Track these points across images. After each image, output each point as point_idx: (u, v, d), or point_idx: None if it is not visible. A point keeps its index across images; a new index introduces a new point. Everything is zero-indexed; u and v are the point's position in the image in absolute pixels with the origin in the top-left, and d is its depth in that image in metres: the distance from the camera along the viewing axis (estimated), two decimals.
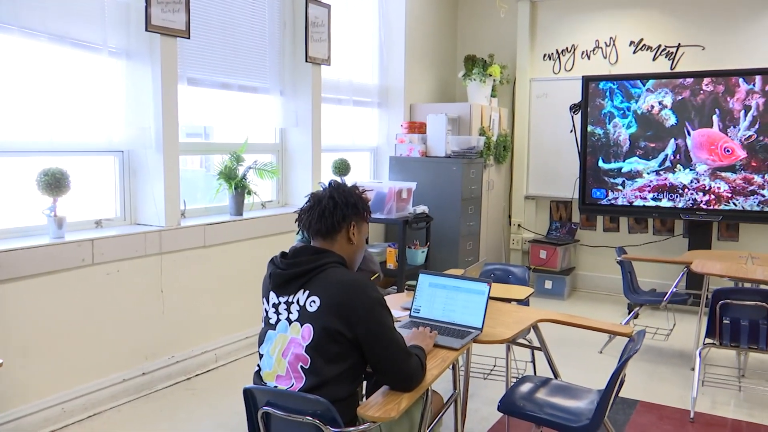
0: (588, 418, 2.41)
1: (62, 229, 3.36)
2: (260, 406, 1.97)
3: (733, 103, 5.43)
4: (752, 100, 5.36)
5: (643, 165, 5.82)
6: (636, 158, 5.83)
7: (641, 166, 5.83)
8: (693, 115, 5.58)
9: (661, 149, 5.74)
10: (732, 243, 5.93)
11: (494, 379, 4.04)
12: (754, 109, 5.36)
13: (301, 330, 1.97)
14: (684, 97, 5.60)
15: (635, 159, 5.84)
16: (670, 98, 5.66)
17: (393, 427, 2.11)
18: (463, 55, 6.60)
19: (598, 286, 6.58)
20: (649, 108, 5.76)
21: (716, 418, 3.59)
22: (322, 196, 2.16)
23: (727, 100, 5.45)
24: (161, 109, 3.77)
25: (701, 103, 5.54)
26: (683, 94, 5.60)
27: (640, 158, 5.82)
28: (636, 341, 2.47)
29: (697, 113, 5.57)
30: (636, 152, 5.83)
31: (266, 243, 4.54)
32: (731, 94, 5.42)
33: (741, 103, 5.40)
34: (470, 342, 2.50)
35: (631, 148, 5.85)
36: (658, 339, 4.98)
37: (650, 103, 5.75)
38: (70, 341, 3.39)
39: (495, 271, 3.96)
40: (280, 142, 5.08)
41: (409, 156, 5.91)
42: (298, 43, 4.90)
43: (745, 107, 5.39)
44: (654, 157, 5.77)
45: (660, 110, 5.72)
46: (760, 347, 3.51)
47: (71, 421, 3.37)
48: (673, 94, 5.64)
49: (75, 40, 3.46)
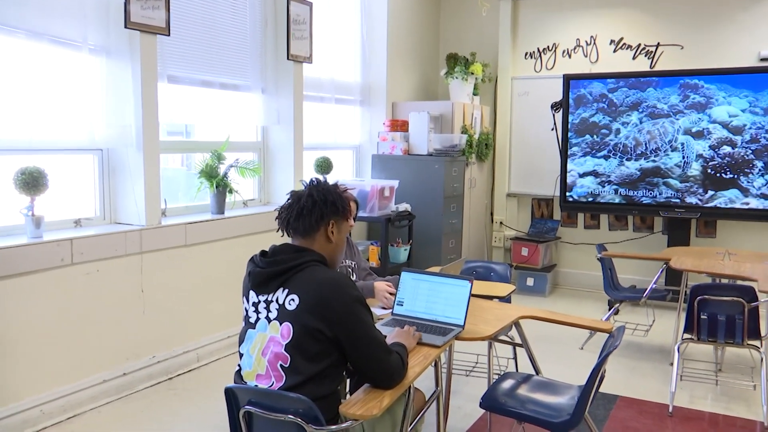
0: (569, 413, 2.43)
1: (40, 228, 3.32)
2: (242, 406, 1.96)
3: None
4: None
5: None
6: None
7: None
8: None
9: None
10: (710, 240, 6.01)
11: (476, 376, 4.06)
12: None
13: (280, 328, 1.97)
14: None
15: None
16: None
17: (375, 424, 2.11)
18: (445, 53, 6.62)
19: (579, 283, 6.64)
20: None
21: (694, 412, 3.64)
22: (301, 195, 2.15)
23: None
24: (141, 107, 3.74)
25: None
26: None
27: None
28: (616, 337, 2.50)
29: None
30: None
31: (248, 242, 4.53)
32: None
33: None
34: (452, 339, 2.51)
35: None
36: (638, 335, 5.03)
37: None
38: (49, 342, 3.36)
39: (477, 268, 3.97)
40: (261, 140, 5.06)
41: (391, 154, 5.91)
42: (279, 41, 4.88)
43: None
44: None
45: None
46: (737, 342, 3.57)
47: (50, 423, 3.34)
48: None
49: (54, 37, 3.42)
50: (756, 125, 5.39)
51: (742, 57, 5.75)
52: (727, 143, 5.51)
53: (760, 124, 5.38)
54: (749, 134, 5.44)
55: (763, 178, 5.42)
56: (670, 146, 5.68)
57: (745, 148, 5.45)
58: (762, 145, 5.39)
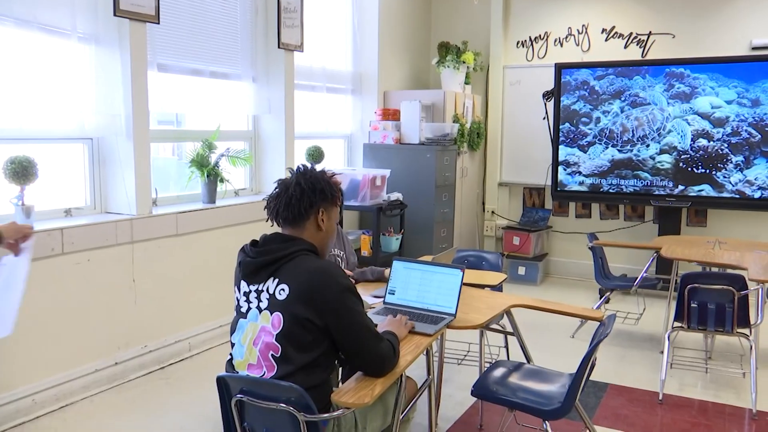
0: (560, 401, 2.45)
1: (30, 218, 3.29)
2: (234, 395, 1.97)
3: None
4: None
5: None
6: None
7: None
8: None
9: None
10: (701, 228, 6.05)
11: (468, 364, 4.08)
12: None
13: (271, 318, 1.96)
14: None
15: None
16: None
17: (367, 412, 2.12)
18: (436, 42, 6.60)
19: (570, 272, 6.66)
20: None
21: (684, 399, 3.67)
22: (289, 183, 2.13)
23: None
24: (131, 95, 3.71)
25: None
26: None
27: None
28: (607, 325, 2.51)
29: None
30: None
31: (239, 231, 4.51)
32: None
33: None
34: (444, 328, 2.51)
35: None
36: (629, 323, 5.06)
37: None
38: (40, 332, 3.34)
39: (468, 257, 3.98)
40: (252, 129, 5.04)
41: (383, 143, 5.90)
42: (270, 29, 4.85)
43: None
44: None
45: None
46: (726, 330, 3.59)
47: (42, 413, 3.33)
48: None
49: (43, 25, 3.38)
50: (740, 117, 5.41)
51: (734, 46, 5.76)
52: (704, 136, 5.53)
53: (743, 117, 5.40)
54: (731, 126, 5.45)
55: (742, 173, 5.45)
56: (657, 134, 5.70)
57: (724, 141, 5.47)
58: (743, 139, 5.41)
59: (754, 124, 5.38)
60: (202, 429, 3.25)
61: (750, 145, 5.41)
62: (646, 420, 3.40)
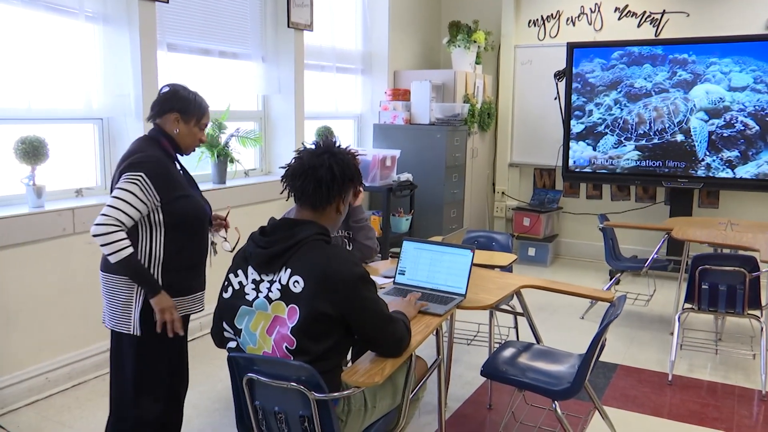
0: (569, 381, 2.45)
1: (42, 198, 3.32)
2: (245, 373, 1.97)
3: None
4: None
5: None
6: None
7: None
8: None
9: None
10: (712, 210, 6.00)
11: (477, 344, 4.09)
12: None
13: (286, 310, 1.93)
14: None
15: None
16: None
17: (377, 392, 2.12)
18: (447, 21, 6.53)
19: (580, 253, 6.64)
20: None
21: (693, 381, 3.67)
22: (319, 165, 2.00)
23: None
24: (140, 75, 3.70)
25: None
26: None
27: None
28: (617, 306, 2.50)
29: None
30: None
31: (249, 211, 4.52)
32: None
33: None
34: (454, 308, 2.51)
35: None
36: (639, 304, 5.05)
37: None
38: (52, 311, 3.37)
39: (479, 238, 3.97)
40: (262, 109, 5.02)
41: (393, 123, 5.88)
42: (279, 8, 4.81)
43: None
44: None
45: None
46: (737, 311, 3.58)
47: (55, 391, 3.38)
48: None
49: (50, 4, 3.37)
50: (757, 97, 5.33)
51: (750, 25, 5.66)
52: (716, 116, 5.46)
53: (760, 98, 5.32)
54: (746, 109, 5.38)
55: (758, 155, 5.39)
56: (678, 128, 5.64)
57: (738, 122, 5.40)
58: (759, 119, 5.35)
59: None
60: (214, 407, 3.29)
61: (764, 125, 5.35)
62: (655, 401, 3.41)
